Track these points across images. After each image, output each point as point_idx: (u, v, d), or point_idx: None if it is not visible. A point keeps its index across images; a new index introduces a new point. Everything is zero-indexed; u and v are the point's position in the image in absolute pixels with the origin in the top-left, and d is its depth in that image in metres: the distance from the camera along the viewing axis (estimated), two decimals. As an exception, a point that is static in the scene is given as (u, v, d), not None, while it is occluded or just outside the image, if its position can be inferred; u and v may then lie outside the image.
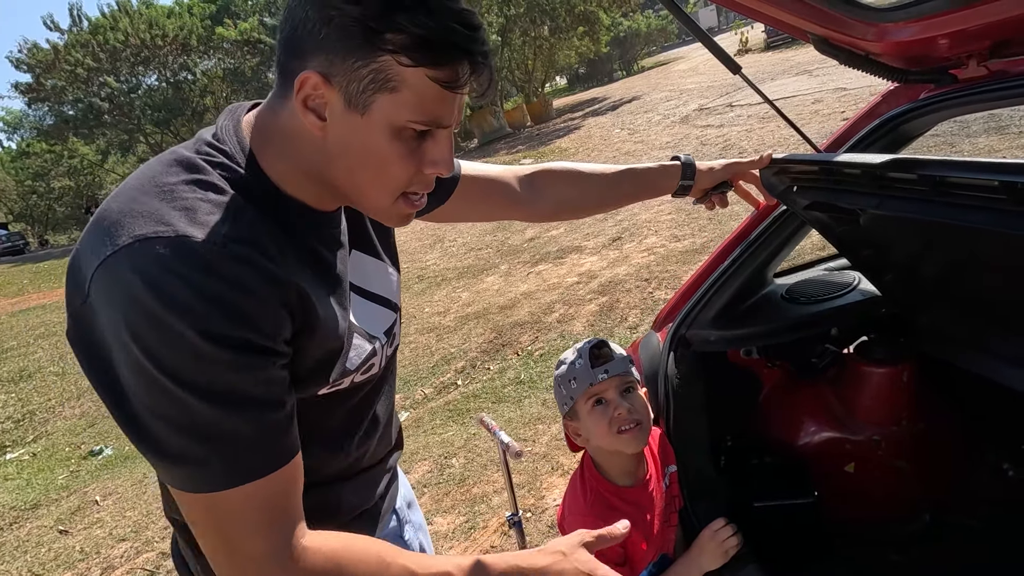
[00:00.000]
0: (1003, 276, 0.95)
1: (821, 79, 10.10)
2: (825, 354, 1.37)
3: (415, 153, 0.61)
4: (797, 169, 1.03)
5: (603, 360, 1.02)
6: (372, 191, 0.63)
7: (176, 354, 0.52)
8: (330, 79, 0.57)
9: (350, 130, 0.59)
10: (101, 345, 0.55)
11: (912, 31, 0.94)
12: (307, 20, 0.56)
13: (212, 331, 0.53)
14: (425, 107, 0.58)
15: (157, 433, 0.55)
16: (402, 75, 0.56)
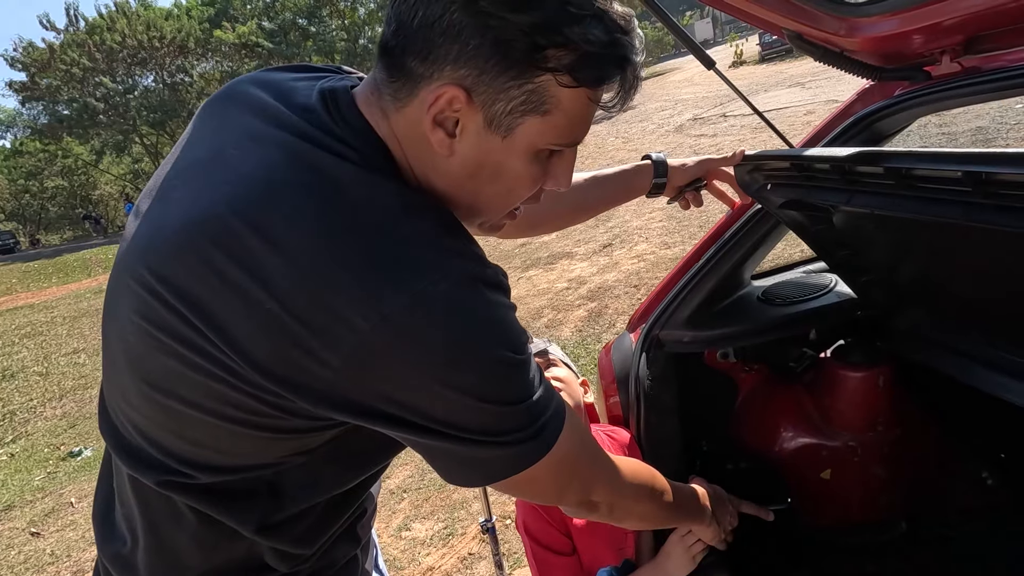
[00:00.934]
0: (976, 275, 0.93)
1: (814, 91, 10.19)
2: (803, 358, 1.35)
3: (544, 172, 0.58)
4: (770, 166, 1.01)
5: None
6: (491, 208, 0.60)
7: (505, 374, 0.54)
8: (472, 96, 0.51)
9: (485, 151, 0.54)
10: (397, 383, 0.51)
11: (885, 26, 0.92)
12: (452, 22, 0.48)
13: (517, 347, 0.55)
14: (573, 129, 0.55)
15: (493, 436, 0.55)
16: (558, 96, 0.51)
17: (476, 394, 0.52)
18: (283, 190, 0.51)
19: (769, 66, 16.34)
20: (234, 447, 0.57)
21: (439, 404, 0.52)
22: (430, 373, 0.50)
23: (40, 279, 13.83)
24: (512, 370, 0.54)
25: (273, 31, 20.65)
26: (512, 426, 0.55)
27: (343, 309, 0.48)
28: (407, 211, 0.52)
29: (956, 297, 1.05)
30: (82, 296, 10.68)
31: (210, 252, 0.50)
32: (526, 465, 0.57)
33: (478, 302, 0.52)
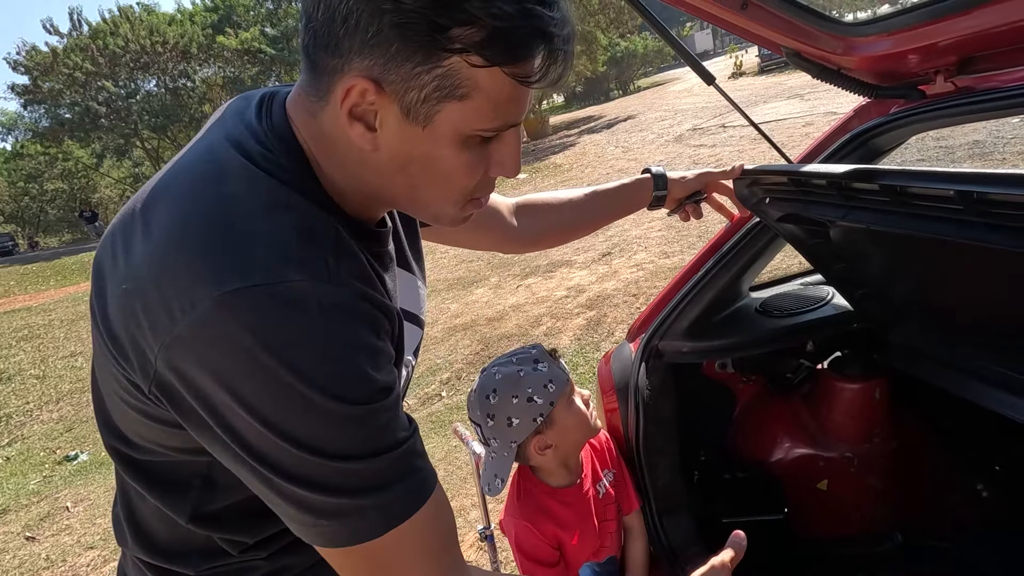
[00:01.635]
0: (969, 291, 0.95)
1: (812, 103, 10.26)
2: (800, 369, 1.37)
3: (483, 158, 0.53)
4: (768, 180, 1.03)
5: (555, 358, 1.00)
6: (437, 203, 0.56)
7: (313, 422, 0.46)
8: (383, 86, 0.47)
9: (410, 143, 0.50)
10: (223, 415, 0.47)
11: (881, 46, 0.95)
12: (350, 11, 0.45)
13: (342, 389, 0.47)
14: (499, 110, 0.49)
15: (293, 494, 0.48)
16: (474, 78, 0.47)
17: (270, 424, 0.46)
18: (178, 180, 0.52)
19: (768, 77, 16.47)
20: (142, 433, 0.58)
21: (232, 420, 0.47)
22: (224, 381, 0.46)
23: (38, 281, 13.82)
24: (328, 417, 0.47)
25: (276, 37, 20.78)
26: (318, 481, 0.48)
27: (170, 295, 0.46)
28: (269, 209, 0.49)
29: (950, 312, 1.07)
30: (80, 299, 10.67)
31: (114, 235, 0.53)
32: (354, 537, 0.49)
33: (308, 322, 0.46)
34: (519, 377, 0.96)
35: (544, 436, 0.99)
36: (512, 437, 0.97)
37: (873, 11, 0.96)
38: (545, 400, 0.96)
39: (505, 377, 0.97)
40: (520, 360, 0.98)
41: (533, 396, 0.95)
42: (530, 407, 0.95)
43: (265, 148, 0.52)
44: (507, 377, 0.97)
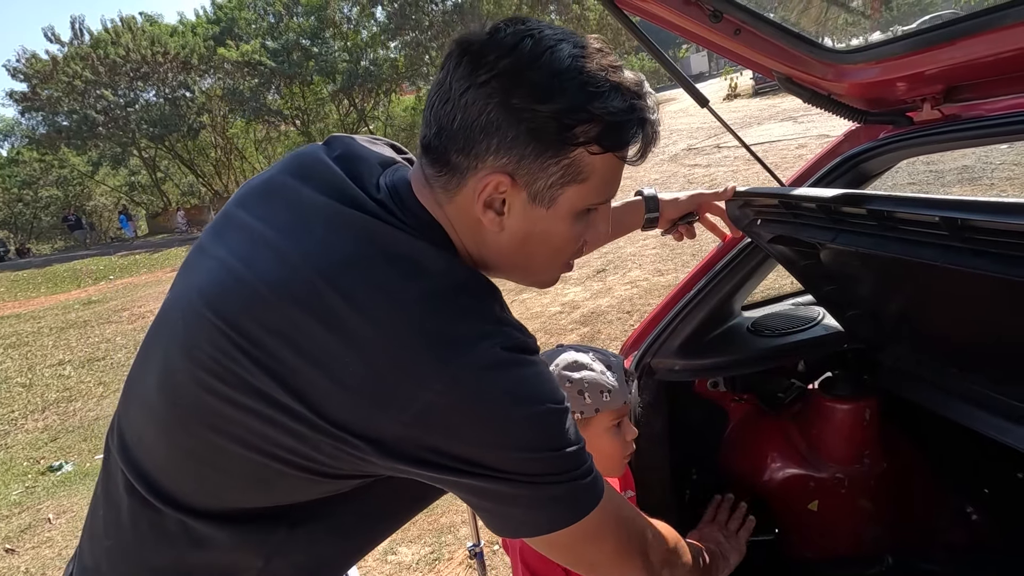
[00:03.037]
0: (956, 314, 0.96)
1: (805, 125, 10.42)
2: (790, 389, 1.37)
3: (586, 226, 0.64)
4: (759, 202, 1.04)
5: (629, 381, 0.98)
6: (545, 271, 0.67)
7: (552, 428, 0.58)
8: (516, 178, 0.57)
9: (531, 223, 0.60)
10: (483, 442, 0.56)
11: (869, 73, 0.97)
12: (490, 120, 0.55)
13: (564, 405, 0.59)
14: (608, 187, 0.61)
15: (545, 491, 0.58)
16: (592, 164, 0.58)
17: (530, 445, 0.56)
18: (368, 261, 0.57)
19: (762, 100, 16.73)
20: (273, 485, 0.60)
21: (497, 455, 0.56)
22: (491, 430, 0.55)
23: (28, 288, 13.69)
24: (553, 417, 0.58)
25: (276, 50, 20.94)
26: (559, 468, 0.58)
27: (417, 372, 0.54)
28: (470, 288, 0.59)
29: (940, 334, 1.08)
30: (70, 307, 10.58)
31: (295, 310, 0.56)
32: (585, 508, 0.60)
33: (521, 365, 0.57)
34: (584, 368, 0.95)
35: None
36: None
37: (864, 39, 0.99)
38: (593, 403, 0.93)
39: (574, 361, 0.96)
40: (595, 356, 0.97)
41: (585, 392, 0.93)
42: (576, 399, 0.93)
43: (423, 233, 0.60)
44: (575, 361, 0.95)
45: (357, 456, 0.56)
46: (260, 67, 20.75)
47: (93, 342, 7.67)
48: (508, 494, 0.57)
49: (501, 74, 0.54)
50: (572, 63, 0.55)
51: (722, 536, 1.04)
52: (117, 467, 0.66)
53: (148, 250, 17.83)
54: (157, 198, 28.23)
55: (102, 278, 13.81)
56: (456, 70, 0.56)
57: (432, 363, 0.53)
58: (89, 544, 0.70)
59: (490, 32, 0.57)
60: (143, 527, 0.64)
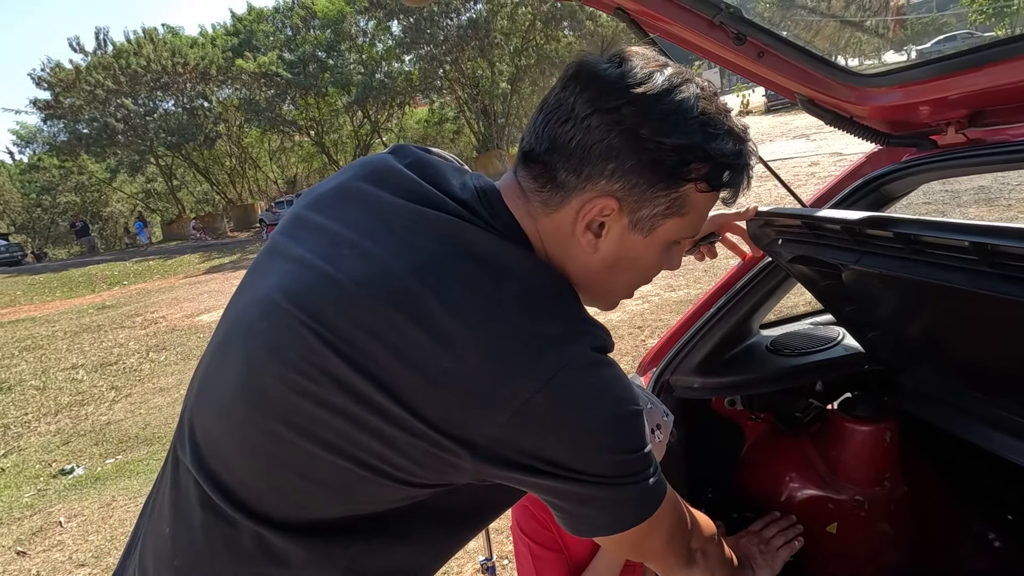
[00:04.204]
0: (982, 338, 0.96)
1: (818, 143, 10.41)
2: (809, 409, 1.36)
3: (668, 258, 0.67)
4: (781, 222, 1.05)
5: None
6: (619, 294, 0.69)
7: (627, 431, 0.59)
8: (622, 203, 0.59)
9: (626, 248, 0.62)
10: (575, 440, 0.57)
11: (893, 97, 0.97)
12: (612, 146, 0.57)
13: (639, 408, 0.60)
14: (700, 223, 0.64)
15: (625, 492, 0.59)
16: (696, 200, 0.60)
17: (614, 447, 0.58)
18: (458, 261, 0.57)
19: (775, 117, 16.74)
20: (356, 493, 0.59)
21: (584, 457, 0.57)
22: (582, 430, 0.56)
23: (44, 292, 13.89)
24: (636, 419, 0.59)
25: (293, 62, 21.29)
26: (636, 469, 0.60)
27: (511, 374, 0.54)
28: (559, 290, 0.61)
29: (963, 357, 1.07)
30: (84, 311, 10.71)
31: (388, 308, 0.56)
32: (653, 506, 0.61)
33: (608, 366, 0.59)
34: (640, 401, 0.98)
35: None
36: None
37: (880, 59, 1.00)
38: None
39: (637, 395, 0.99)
40: (651, 398, 1.00)
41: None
42: None
43: (509, 237, 0.61)
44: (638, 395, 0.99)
45: (448, 460, 0.55)
46: (277, 78, 21.09)
47: (106, 346, 7.75)
48: (587, 495, 0.58)
49: (632, 103, 0.56)
50: (696, 103, 0.57)
51: (758, 551, 1.05)
52: (190, 478, 0.64)
53: (162, 256, 18.04)
54: (172, 205, 28.60)
55: (116, 283, 13.98)
56: (583, 92, 0.58)
57: (529, 363, 0.54)
58: (154, 566, 0.67)
59: (619, 61, 0.59)
60: (217, 543, 0.62)
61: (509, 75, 18.56)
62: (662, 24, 1.00)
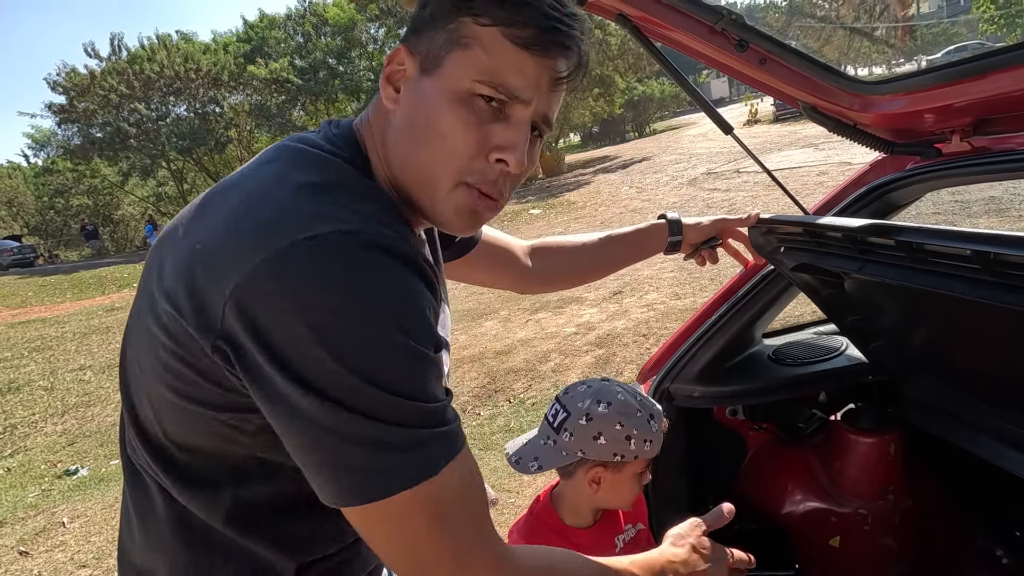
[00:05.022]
0: (987, 348, 0.94)
1: (826, 152, 10.37)
2: (812, 419, 1.35)
3: (481, 128, 0.56)
4: (783, 230, 1.04)
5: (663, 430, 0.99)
6: (429, 172, 0.57)
7: (386, 354, 0.48)
8: (414, 51, 0.57)
9: (419, 94, 0.56)
10: (302, 350, 0.48)
11: (897, 105, 0.97)
12: (418, 7, 0.58)
13: (409, 325, 0.49)
14: (495, 68, 0.54)
15: (374, 432, 0.48)
16: (477, 32, 0.54)
17: (340, 352, 0.47)
18: (251, 168, 0.58)
19: (783, 126, 16.70)
20: (183, 424, 0.58)
21: (298, 357, 0.47)
22: (299, 313, 0.47)
23: (55, 294, 14.03)
24: (394, 351, 0.49)
25: (304, 69, 21.51)
26: (385, 417, 0.48)
27: (240, 247, 0.49)
28: (355, 188, 0.55)
29: (967, 368, 1.05)
30: (93, 313, 10.80)
31: (182, 219, 0.58)
32: (399, 483, 0.49)
33: (383, 264, 0.49)
34: (634, 414, 0.96)
35: (605, 473, 0.97)
36: (587, 448, 0.95)
37: (888, 68, 0.99)
38: (636, 449, 0.94)
39: (625, 403, 0.96)
40: (643, 404, 0.98)
41: (632, 437, 0.94)
42: (622, 443, 0.94)
43: (332, 144, 0.59)
44: (626, 404, 0.96)
45: (206, 364, 0.51)
46: (288, 84, 21.30)
47: (114, 348, 7.81)
48: (306, 413, 0.48)
49: None
50: None
51: (698, 558, 0.79)
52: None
53: (171, 259, 18.12)
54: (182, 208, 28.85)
55: (126, 285, 14.10)
56: None
57: (267, 234, 0.48)
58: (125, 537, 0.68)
59: None
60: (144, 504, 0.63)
61: (518, 83, 18.64)
62: (664, 30, 1.00)
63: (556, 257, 1.08)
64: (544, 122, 0.59)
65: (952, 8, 26.12)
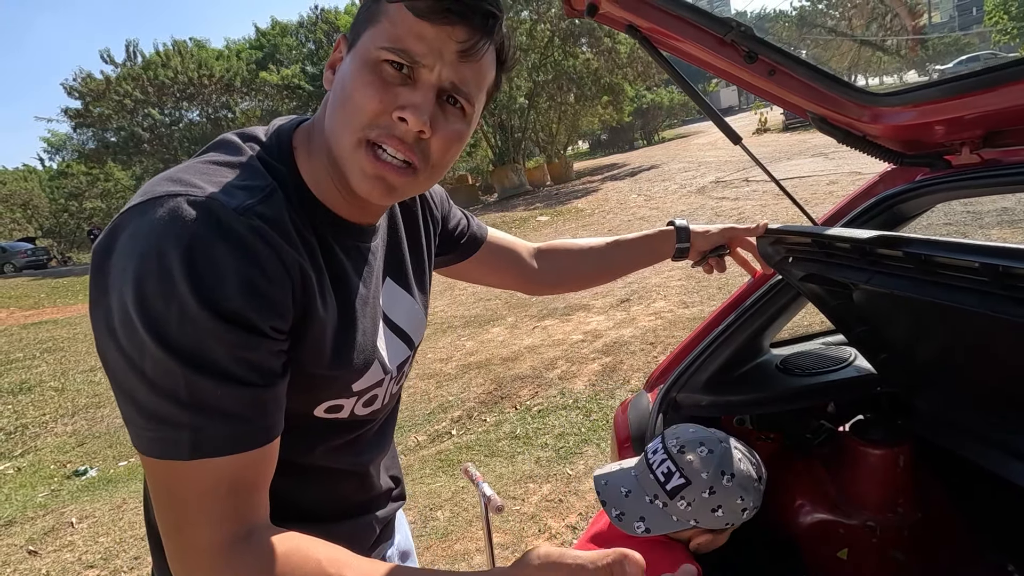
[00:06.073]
0: (997, 361, 0.94)
1: (836, 162, 10.32)
2: (820, 430, 1.34)
3: (387, 90, 0.58)
4: (792, 240, 1.04)
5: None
6: (338, 134, 0.60)
7: (166, 312, 0.50)
8: (350, 40, 0.61)
9: (341, 73, 0.61)
10: (104, 289, 0.52)
11: (907, 116, 0.97)
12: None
13: (209, 295, 0.50)
14: (399, 36, 0.57)
15: (132, 385, 0.52)
16: (386, 8, 0.58)
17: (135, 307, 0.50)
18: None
19: (792, 135, 16.65)
20: None
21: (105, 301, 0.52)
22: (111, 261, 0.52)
23: (67, 295, 14.19)
24: (177, 317, 0.50)
25: (315, 75, 21.73)
26: (154, 378, 0.51)
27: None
28: (226, 163, 0.60)
29: (977, 381, 1.05)
30: (105, 315, 10.91)
31: None
32: (160, 450, 0.52)
33: (202, 231, 0.51)
34: (753, 486, 0.94)
35: (710, 539, 0.95)
36: (702, 519, 0.91)
37: (900, 78, 0.99)
38: (746, 517, 0.93)
39: (747, 474, 0.93)
40: (759, 469, 0.96)
41: (746, 508, 0.92)
42: (736, 514, 0.92)
43: (264, 135, 0.65)
44: (748, 476, 0.93)
45: None
46: (299, 91, 21.50)
47: (124, 350, 7.87)
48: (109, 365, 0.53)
49: None
50: None
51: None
52: None
53: (182, 263, 18.29)
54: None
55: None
56: None
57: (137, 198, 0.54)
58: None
59: None
60: None
61: (527, 90, 18.74)
62: (673, 42, 1.01)
63: (563, 259, 1.08)
64: (456, 91, 0.60)
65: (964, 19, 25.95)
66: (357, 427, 0.73)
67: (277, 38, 24.21)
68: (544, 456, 3.15)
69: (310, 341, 0.61)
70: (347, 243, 0.66)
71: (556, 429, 3.46)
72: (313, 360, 0.62)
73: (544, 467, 3.03)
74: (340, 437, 0.72)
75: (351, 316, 0.66)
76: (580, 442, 3.23)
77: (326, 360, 0.63)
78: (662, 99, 30.97)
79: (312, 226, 0.62)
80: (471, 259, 0.98)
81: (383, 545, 0.86)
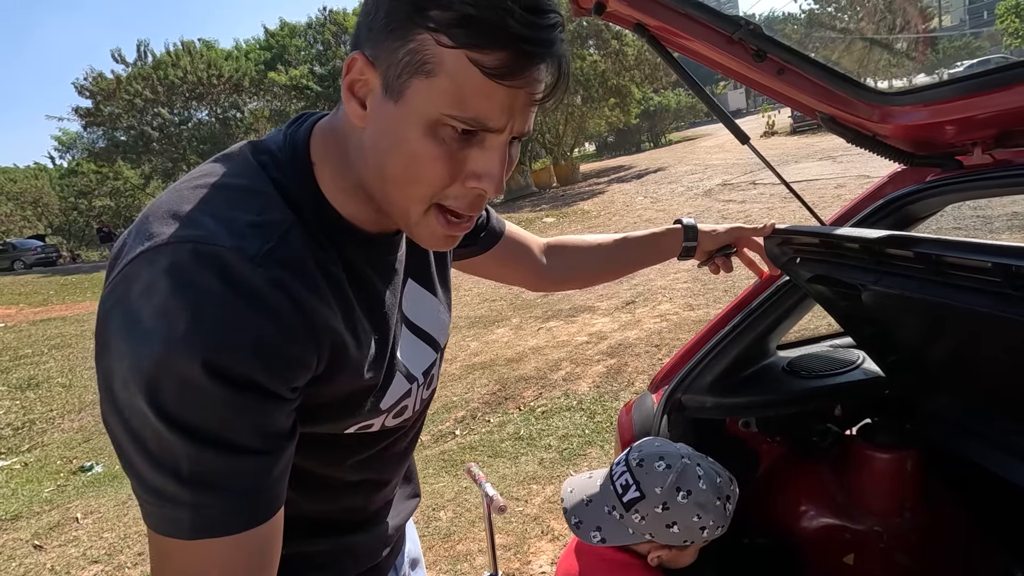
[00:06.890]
0: (1008, 364, 0.92)
1: (845, 165, 10.27)
2: (827, 434, 1.32)
3: (454, 158, 0.52)
4: (799, 240, 1.03)
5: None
6: (400, 195, 0.54)
7: (169, 382, 0.45)
8: (374, 62, 0.51)
9: (385, 119, 0.52)
10: (105, 343, 0.48)
11: (918, 116, 0.96)
12: (368, 6, 0.52)
13: (216, 361, 0.45)
14: (467, 100, 0.49)
15: (131, 457, 0.48)
16: (440, 57, 0.48)
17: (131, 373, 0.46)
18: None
19: (800, 138, 16.58)
20: None
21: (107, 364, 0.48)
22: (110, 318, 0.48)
23: (76, 292, 14.30)
24: (190, 387, 0.45)
25: (323, 76, 21.84)
26: (153, 450, 0.46)
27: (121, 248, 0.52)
28: (237, 190, 0.54)
29: (988, 384, 1.03)
30: (113, 312, 10.99)
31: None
32: (160, 527, 0.48)
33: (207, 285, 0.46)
34: (713, 504, 0.90)
35: (669, 552, 0.93)
36: (657, 534, 0.90)
37: (910, 80, 0.98)
38: (707, 536, 0.91)
39: (705, 493, 0.90)
40: (721, 489, 0.92)
41: (706, 527, 0.90)
42: (695, 532, 0.90)
43: (278, 147, 0.58)
44: (706, 495, 0.90)
45: None
46: (307, 91, 21.61)
47: (131, 347, 7.92)
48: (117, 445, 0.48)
49: None
50: None
51: None
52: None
53: (189, 261, 18.41)
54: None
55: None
56: None
57: (136, 238, 0.50)
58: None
59: None
60: None
61: (533, 92, 18.76)
62: (682, 40, 1.00)
63: (571, 256, 1.07)
64: (520, 135, 0.55)
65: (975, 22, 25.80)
66: (387, 436, 0.71)
67: (286, 39, 24.34)
68: (548, 457, 3.15)
69: (342, 383, 0.58)
70: (375, 259, 0.62)
71: (560, 430, 3.45)
72: (345, 395, 0.59)
73: (547, 468, 3.02)
74: (369, 449, 0.69)
75: (385, 339, 0.63)
76: (584, 444, 3.22)
77: (361, 391, 0.61)
78: (669, 102, 30.93)
79: (337, 252, 0.57)
80: (487, 254, 0.96)
81: (395, 558, 0.84)
